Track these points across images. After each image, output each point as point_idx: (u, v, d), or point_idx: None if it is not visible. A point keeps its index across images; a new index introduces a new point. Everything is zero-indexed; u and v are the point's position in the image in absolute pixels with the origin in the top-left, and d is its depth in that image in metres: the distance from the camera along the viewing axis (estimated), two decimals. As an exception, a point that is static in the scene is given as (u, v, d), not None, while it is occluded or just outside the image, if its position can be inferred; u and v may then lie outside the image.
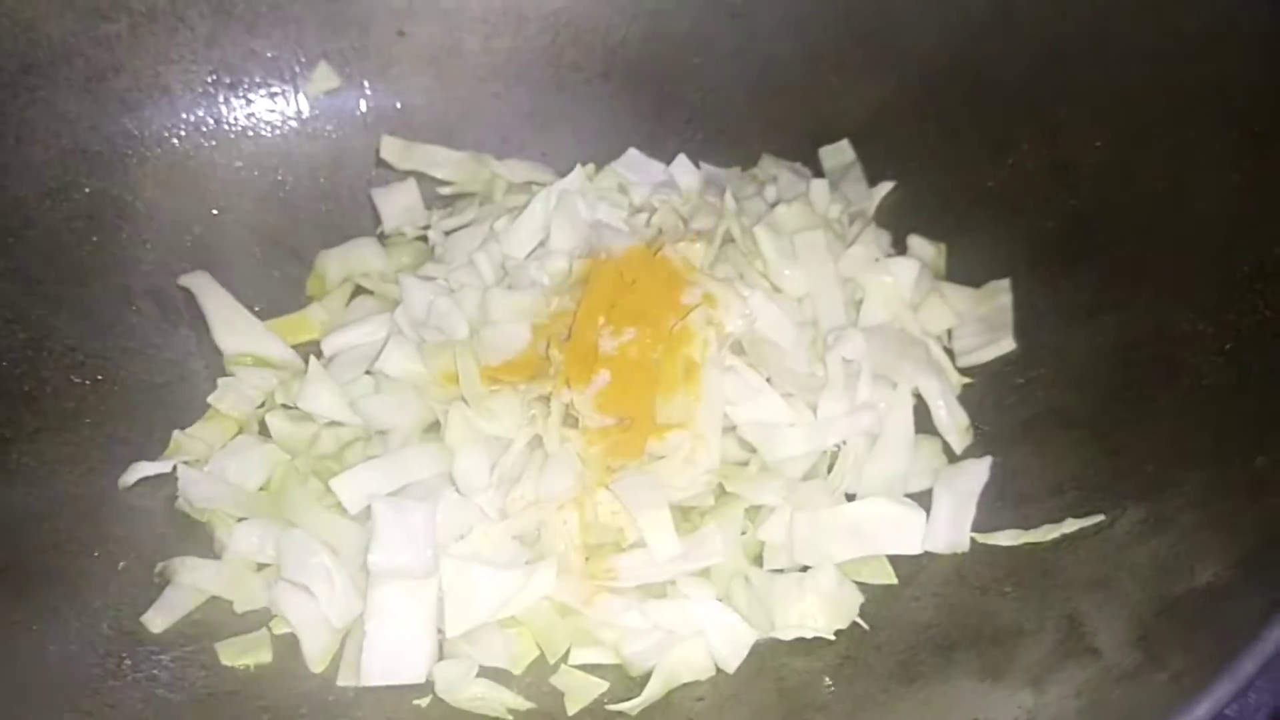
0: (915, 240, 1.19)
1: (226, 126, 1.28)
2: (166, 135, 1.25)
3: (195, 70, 1.26)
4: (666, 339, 1.04)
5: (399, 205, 1.29)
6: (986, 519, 1.01)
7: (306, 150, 1.30)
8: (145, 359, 1.15)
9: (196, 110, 1.27)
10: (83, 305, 1.15)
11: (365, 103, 1.32)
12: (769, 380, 1.06)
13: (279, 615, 0.98)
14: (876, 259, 1.15)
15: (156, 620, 0.98)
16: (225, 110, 1.28)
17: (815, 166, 1.27)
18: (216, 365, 1.16)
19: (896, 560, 1.01)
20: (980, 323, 1.14)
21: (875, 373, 1.07)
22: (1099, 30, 1.11)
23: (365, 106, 1.32)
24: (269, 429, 1.09)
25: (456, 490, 1.01)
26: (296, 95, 1.30)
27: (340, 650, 0.97)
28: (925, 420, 1.08)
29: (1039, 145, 1.15)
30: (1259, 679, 0.75)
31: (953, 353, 1.14)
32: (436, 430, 1.05)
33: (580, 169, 1.20)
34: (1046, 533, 0.96)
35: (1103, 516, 0.94)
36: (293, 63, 1.30)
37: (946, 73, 1.22)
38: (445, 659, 0.96)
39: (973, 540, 1.00)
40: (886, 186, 1.23)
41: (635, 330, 1.05)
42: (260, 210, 1.27)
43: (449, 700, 0.94)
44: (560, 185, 1.18)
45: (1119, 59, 1.10)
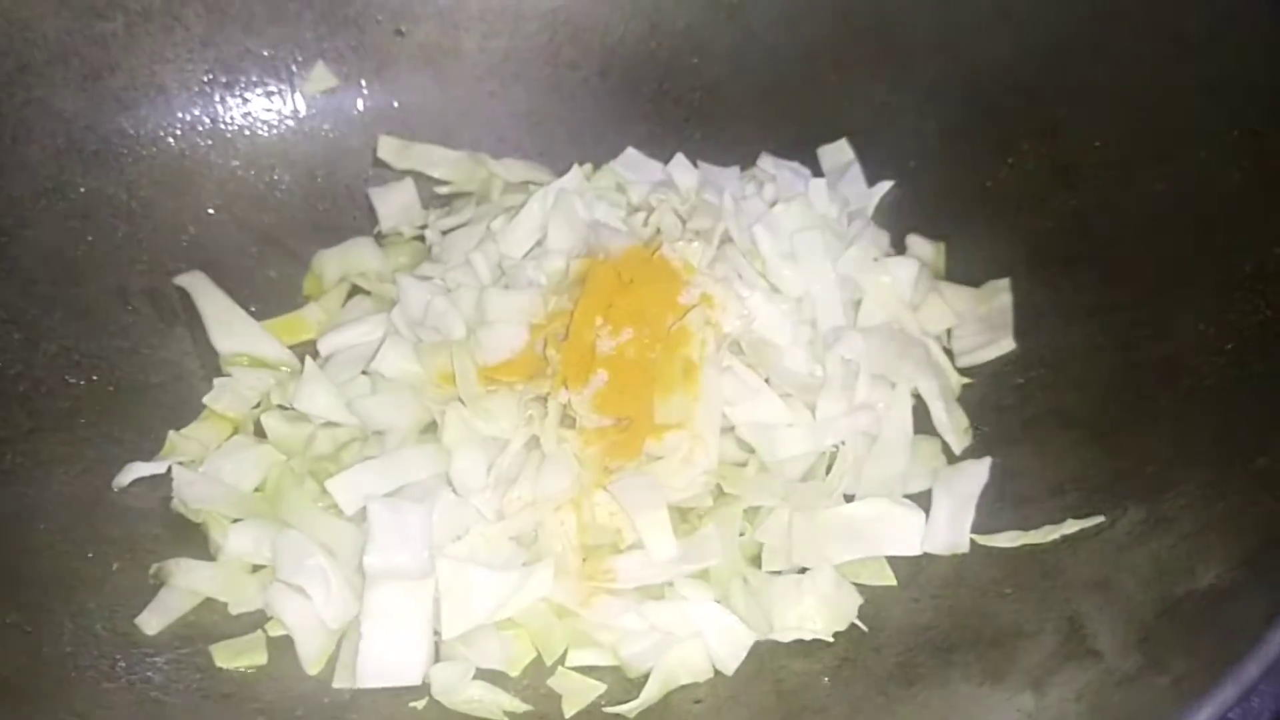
0: (914, 240, 1.19)
1: (223, 126, 1.28)
2: (162, 134, 1.25)
3: (191, 69, 1.26)
4: (664, 339, 1.04)
5: (396, 205, 1.29)
6: (986, 520, 1.00)
7: (303, 150, 1.30)
8: (141, 359, 1.15)
9: (193, 109, 1.27)
10: (78, 305, 1.14)
11: (362, 102, 1.32)
12: (767, 380, 1.06)
13: (274, 617, 0.98)
14: (875, 259, 1.15)
15: (151, 622, 0.97)
16: (221, 109, 1.28)
17: (814, 166, 1.26)
18: (212, 365, 1.15)
19: (895, 562, 1.00)
20: (980, 323, 1.14)
21: (874, 373, 1.07)
22: (1099, 29, 1.11)
23: (362, 106, 1.32)
24: (265, 430, 1.08)
25: (453, 491, 1.00)
26: (293, 94, 1.30)
27: (336, 652, 0.97)
28: (924, 421, 1.07)
29: (1039, 145, 1.15)
30: (1262, 683, 0.75)
31: (952, 353, 1.14)
32: (433, 431, 1.05)
33: (578, 168, 1.20)
34: (1046, 534, 0.96)
35: (1103, 518, 0.94)
36: (289, 62, 1.30)
37: (946, 72, 1.22)
38: (442, 661, 0.95)
39: (972, 541, 0.99)
40: (885, 186, 1.23)
41: (633, 330, 1.04)
42: (256, 210, 1.27)
43: (445, 702, 0.93)
44: (558, 184, 1.18)
45: (1119, 58, 1.10)
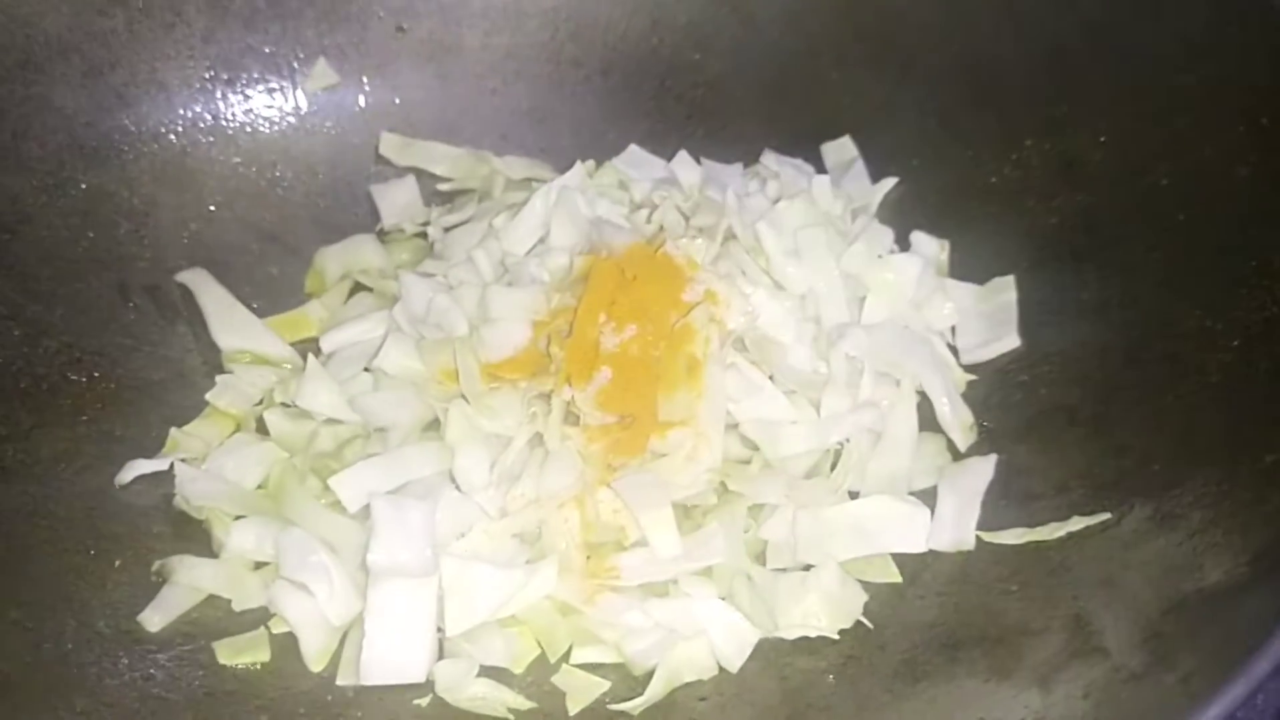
0: (918, 237, 1.18)
1: (224, 122, 1.28)
2: (164, 131, 1.25)
3: (192, 66, 1.26)
4: (668, 336, 1.04)
5: (398, 202, 1.28)
6: (991, 517, 1.00)
7: (305, 146, 1.30)
8: (142, 356, 1.14)
9: (194, 106, 1.26)
10: (79, 302, 1.14)
11: (364, 99, 1.32)
12: (771, 378, 1.05)
13: (277, 614, 0.98)
14: (879, 256, 1.14)
15: (154, 619, 0.97)
16: (223, 106, 1.28)
17: (817, 163, 1.26)
18: (214, 362, 1.15)
19: (901, 559, 1.00)
20: (984, 320, 1.13)
21: (878, 370, 1.07)
22: (1103, 25, 1.11)
23: (364, 102, 1.32)
24: (267, 427, 1.08)
25: (456, 488, 1.00)
26: (295, 91, 1.30)
27: (339, 649, 0.96)
28: (929, 418, 1.07)
29: (1043, 141, 1.15)
30: (1269, 680, 0.75)
31: (956, 350, 1.14)
32: (436, 428, 1.04)
33: (580, 165, 1.20)
34: (1052, 531, 0.95)
35: (1109, 514, 0.94)
36: (291, 59, 1.29)
37: (949, 68, 1.21)
38: (445, 658, 0.95)
39: (978, 539, 0.99)
40: (889, 183, 1.22)
41: (637, 327, 1.04)
42: (258, 207, 1.26)
43: (449, 700, 0.93)
44: (560, 181, 1.18)
45: (1123, 53, 1.09)
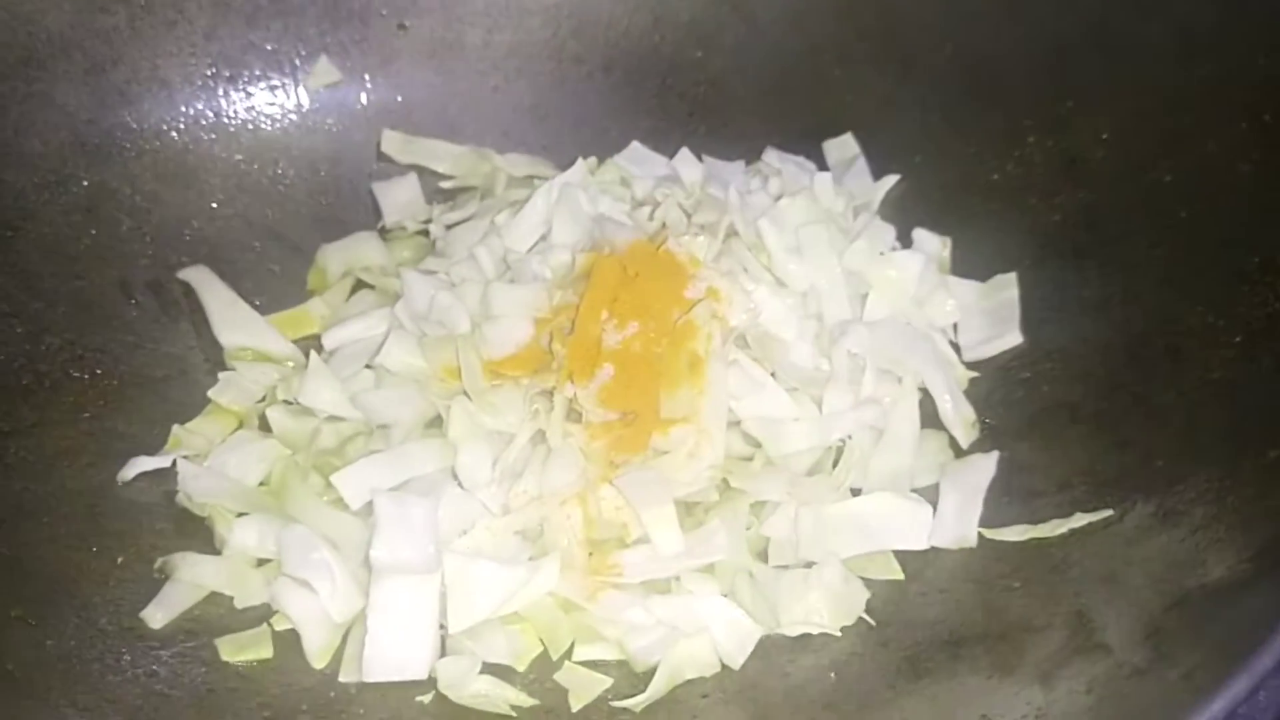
0: (920, 234, 1.18)
1: (226, 120, 1.27)
2: (165, 128, 1.25)
3: (194, 63, 1.26)
4: (670, 333, 1.04)
5: (400, 199, 1.28)
6: (994, 514, 1.00)
7: (306, 144, 1.30)
8: (144, 353, 1.14)
9: (195, 103, 1.26)
10: (81, 299, 1.14)
11: (366, 96, 1.32)
12: (773, 375, 1.05)
13: (280, 611, 0.98)
14: (881, 253, 1.14)
15: (156, 616, 0.97)
16: (225, 103, 1.27)
17: (819, 160, 1.26)
18: (216, 359, 1.15)
19: (903, 556, 1.00)
20: (986, 317, 1.13)
21: (880, 367, 1.07)
22: (1105, 21, 1.11)
23: (366, 100, 1.32)
24: (270, 424, 1.08)
25: (459, 485, 1.00)
26: (296, 89, 1.30)
27: (342, 646, 0.96)
28: (931, 415, 1.07)
29: (1045, 138, 1.15)
30: (1271, 676, 0.74)
31: (958, 347, 1.13)
32: (438, 425, 1.04)
33: (582, 162, 1.20)
34: (1054, 528, 0.95)
35: (1111, 511, 0.94)
36: (292, 56, 1.29)
37: (951, 65, 1.21)
38: (448, 655, 0.95)
39: (980, 535, 0.99)
40: (891, 180, 1.22)
41: (639, 324, 1.04)
42: (260, 204, 1.26)
43: (452, 696, 0.93)
44: (562, 179, 1.18)
45: (1126, 50, 1.09)
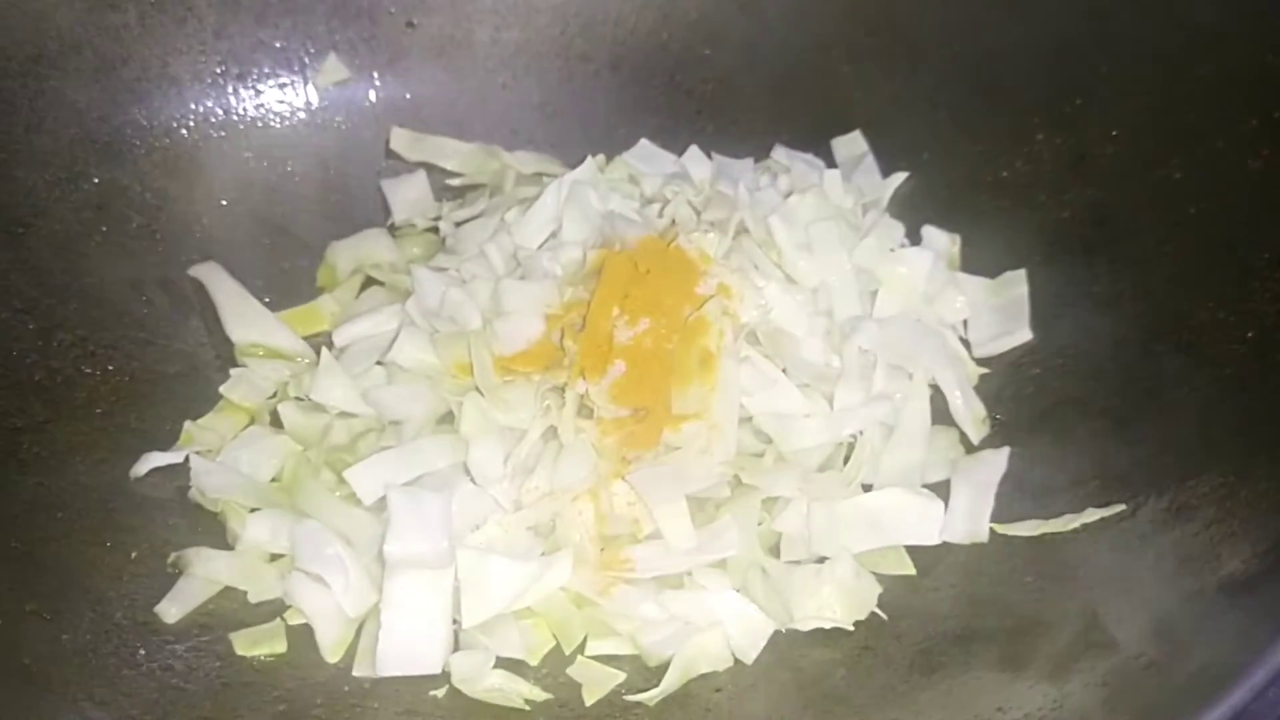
0: (929, 231, 1.18)
1: (235, 117, 1.28)
2: (175, 126, 1.25)
3: (204, 61, 1.26)
4: (682, 329, 1.04)
5: (409, 197, 1.28)
6: (1005, 510, 1.00)
7: (316, 141, 1.30)
8: (156, 349, 1.14)
9: (205, 101, 1.26)
10: (93, 295, 1.14)
11: (375, 94, 1.32)
12: (784, 371, 1.05)
13: (293, 606, 0.98)
14: (891, 250, 1.14)
15: (170, 610, 0.97)
16: (234, 101, 1.27)
17: (827, 158, 1.26)
18: (227, 356, 1.15)
19: (915, 551, 1.00)
20: (996, 314, 1.13)
21: (891, 363, 1.07)
22: (1114, 17, 1.11)
23: (374, 98, 1.32)
24: (281, 420, 1.08)
25: (471, 481, 1.00)
26: (305, 86, 1.30)
27: (355, 641, 0.97)
28: (942, 411, 1.07)
29: (1054, 135, 1.15)
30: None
31: (968, 343, 1.14)
32: (449, 421, 1.04)
33: (591, 160, 1.20)
34: (1066, 523, 0.95)
35: (1124, 506, 0.94)
36: (301, 54, 1.29)
37: (959, 62, 1.21)
38: (461, 650, 0.95)
39: (992, 531, 0.99)
40: (900, 177, 1.22)
41: (650, 321, 1.04)
42: (269, 201, 1.27)
43: (466, 691, 0.93)
44: (572, 176, 1.18)
45: (1134, 46, 1.10)
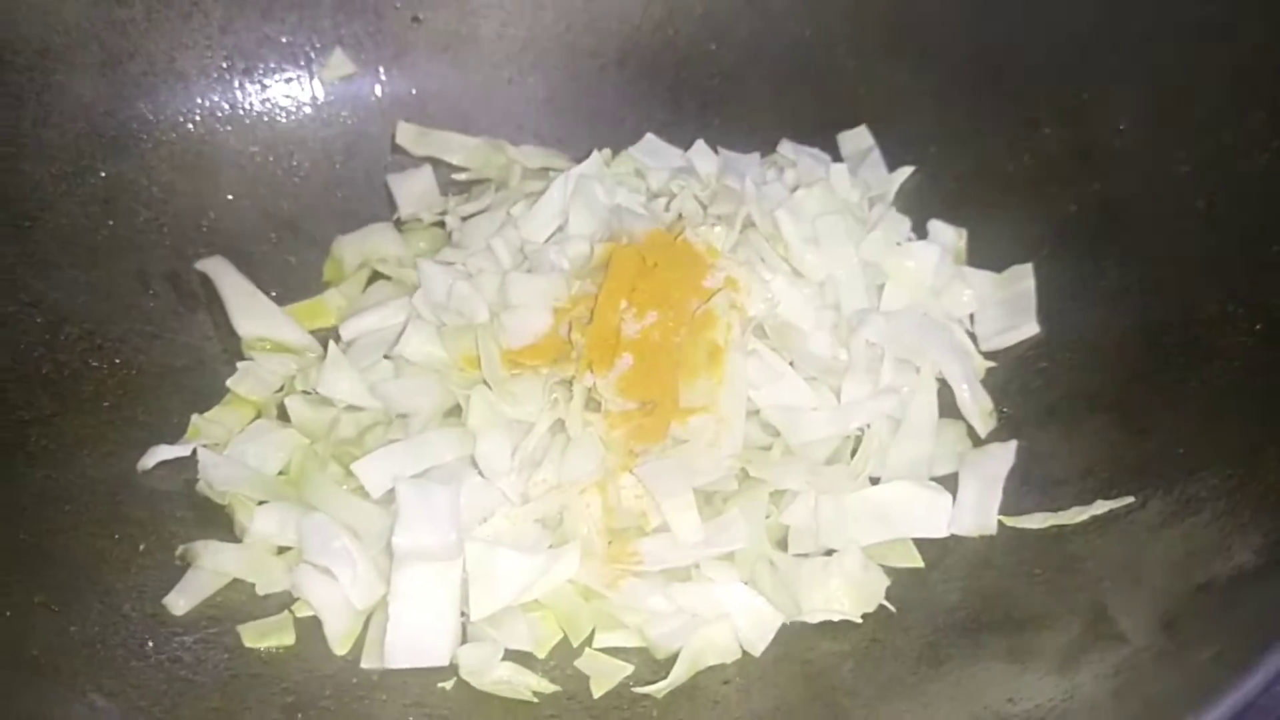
0: (936, 225, 1.18)
1: (241, 112, 1.28)
2: (182, 120, 1.25)
3: (210, 55, 1.26)
4: (689, 323, 1.04)
5: (415, 191, 1.29)
6: (1013, 503, 1.00)
7: (322, 136, 1.30)
8: (163, 343, 1.14)
9: (211, 95, 1.26)
10: (100, 289, 1.14)
11: (380, 89, 1.32)
12: (792, 364, 1.05)
13: (301, 598, 0.98)
14: (898, 243, 1.15)
15: (179, 602, 0.97)
16: (240, 95, 1.28)
17: (833, 152, 1.26)
18: (234, 349, 1.15)
19: (923, 544, 1.00)
20: (1003, 307, 1.13)
21: (898, 357, 1.07)
22: (1121, 11, 1.11)
23: (380, 92, 1.32)
24: (288, 413, 1.08)
25: (479, 474, 1.00)
26: (311, 81, 1.30)
27: (363, 633, 0.97)
28: (949, 404, 1.07)
29: (1061, 128, 1.15)
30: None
31: (975, 337, 1.14)
32: (457, 414, 1.05)
33: (598, 154, 1.20)
34: (1075, 515, 0.95)
35: (1133, 498, 0.94)
36: (307, 48, 1.29)
37: (966, 56, 1.21)
38: (469, 642, 0.95)
39: (1000, 523, 0.99)
40: (906, 171, 1.22)
41: (658, 314, 1.04)
42: (276, 195, 1.27)
43: (474, 683, 0.93)
44: (578, 170, 1.18)
45: (1142, 39, 1.10)
